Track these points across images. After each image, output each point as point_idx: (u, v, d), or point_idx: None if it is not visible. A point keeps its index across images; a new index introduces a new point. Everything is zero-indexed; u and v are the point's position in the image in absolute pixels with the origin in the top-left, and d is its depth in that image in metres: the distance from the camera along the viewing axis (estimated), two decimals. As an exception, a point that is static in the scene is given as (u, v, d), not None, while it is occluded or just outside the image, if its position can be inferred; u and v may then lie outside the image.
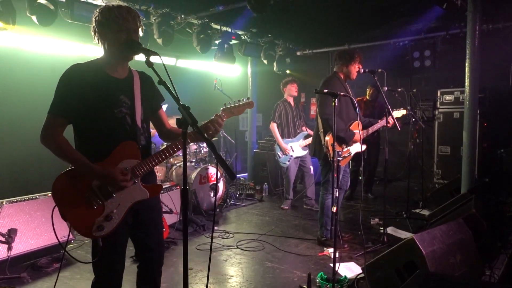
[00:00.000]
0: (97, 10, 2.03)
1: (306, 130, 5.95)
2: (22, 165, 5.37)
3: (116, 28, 1.97)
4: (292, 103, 5.97)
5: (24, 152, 5.24)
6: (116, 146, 2.01)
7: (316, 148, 4.20)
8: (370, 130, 4.15)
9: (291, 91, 5.93)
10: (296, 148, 5.81)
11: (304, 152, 5.83)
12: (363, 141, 3.96)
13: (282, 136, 5.85)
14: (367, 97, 6.30)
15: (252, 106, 2.34)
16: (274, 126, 5.85)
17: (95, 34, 2.05)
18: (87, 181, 1.97)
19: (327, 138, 3.96)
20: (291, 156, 5.80)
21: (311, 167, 5.95)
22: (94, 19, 2.03)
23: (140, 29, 2.06)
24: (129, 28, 2.00)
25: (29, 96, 5.19)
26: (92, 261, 2.08)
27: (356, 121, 4.08)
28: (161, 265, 2.31)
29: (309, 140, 5.83)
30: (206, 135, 2.10)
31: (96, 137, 2.01)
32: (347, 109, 4.07)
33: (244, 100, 2.31)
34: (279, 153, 5.84)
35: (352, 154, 4.11)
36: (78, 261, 2.28)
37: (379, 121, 4.22)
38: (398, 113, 4.39)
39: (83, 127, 2.02)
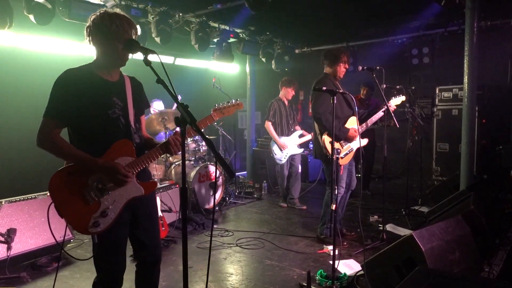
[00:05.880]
0: (98, 14, 2.05)
1: (299, 130, 5.98)
2: (20, 164, 5.36)
3: (115, 37, 2.02)
4: (286, 102, 5.99)
5: (23, 151, 5.23)
6: (111, 144, 2.05)
7: (317, 151, 4.20)
8: (369, 122, 4.12)
9: (287, 94, 5.96)
10: (291, 145, 5.83)
11: (298, 151, 5.87)
12: (363, 136, 3.94)
13: (276, 134, 5.86)
14: (361, 96, 6.36)
15: (241, 107, 2.53)
16: (269, 125, 5.86)
17: (88, 35, 2.07)
18: (83, 177, 2.00)
19: (324, 136, 3.97)
20: (287, 153, 5.81)
21: (299, 166, 5.99)
22: (92, 22, 2.04)
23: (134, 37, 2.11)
24: (126, 39, 2.05)
25: (27, 96, 5.18)
26: (89, 258, 2.10)
27: (352, 117, 4.09)
28: (159, 262, 2.33)
29: (304, 139, 5.87)
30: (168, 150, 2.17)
31: (91, 137, 2.04)
32: (341, 106, 4.06)
33: (233, 101, 2.48)
34: (275, 150, 5.84)
35: (354, 150, 4.10)
36: (76, 259, 2.28)
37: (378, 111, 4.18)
38: (398, 100, 4.30)
39: (78, 128, 2.05)
